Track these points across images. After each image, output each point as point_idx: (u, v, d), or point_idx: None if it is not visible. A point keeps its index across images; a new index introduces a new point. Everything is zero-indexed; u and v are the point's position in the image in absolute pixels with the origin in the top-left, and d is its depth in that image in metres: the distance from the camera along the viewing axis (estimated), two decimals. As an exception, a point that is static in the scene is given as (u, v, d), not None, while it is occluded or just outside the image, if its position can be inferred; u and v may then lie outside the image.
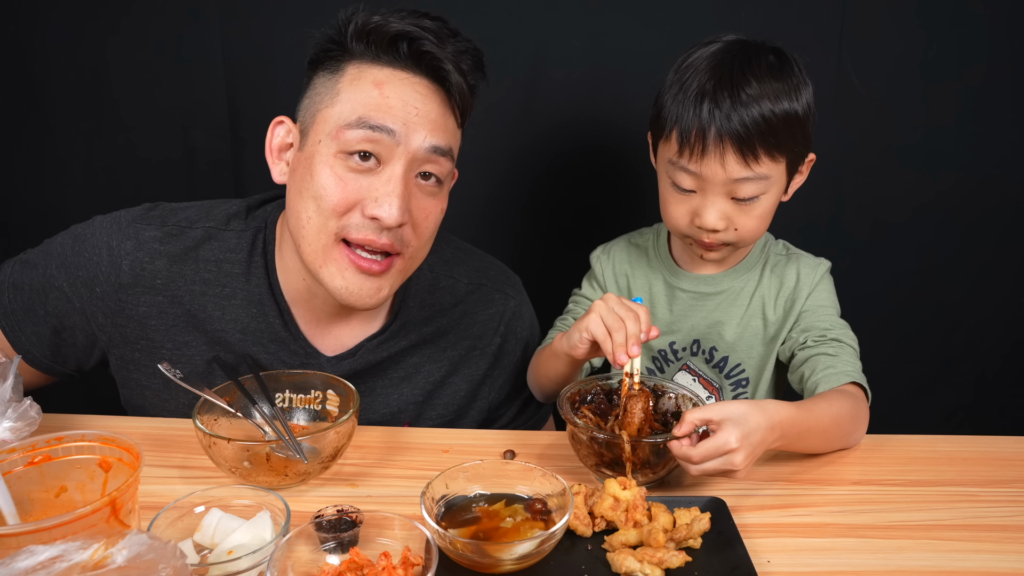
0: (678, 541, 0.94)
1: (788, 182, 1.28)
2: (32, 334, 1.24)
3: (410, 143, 1.11)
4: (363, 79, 1.12)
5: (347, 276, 1.14)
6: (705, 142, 1.19)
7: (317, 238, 1.13)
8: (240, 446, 1.02)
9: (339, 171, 1.11)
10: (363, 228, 1.11)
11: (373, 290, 1.15)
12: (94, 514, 0.79)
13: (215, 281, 1.24)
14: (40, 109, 1.76)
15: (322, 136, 1.12)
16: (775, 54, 1.24)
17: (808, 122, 1.25)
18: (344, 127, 1.10)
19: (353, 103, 1.11)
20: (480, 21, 1.66)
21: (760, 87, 1.19)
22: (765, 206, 1.26)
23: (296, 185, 1.15)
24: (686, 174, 1.24)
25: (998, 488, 1.12)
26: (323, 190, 1.11)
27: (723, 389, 1.42)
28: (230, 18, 1.69)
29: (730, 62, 1.21)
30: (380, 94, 1.11)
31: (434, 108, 1.14)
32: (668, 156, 1.25)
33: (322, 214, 1.11)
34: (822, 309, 1.35)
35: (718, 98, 1.18)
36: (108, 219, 1.25)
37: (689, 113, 1.20)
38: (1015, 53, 1.71)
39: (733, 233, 1.27)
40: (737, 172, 1.20)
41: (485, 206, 1.82)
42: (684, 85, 1.22)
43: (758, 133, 1.18)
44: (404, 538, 0.89)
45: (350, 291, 1.14)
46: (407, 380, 1.32)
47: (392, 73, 1.13)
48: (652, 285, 1.43)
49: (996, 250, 1.86)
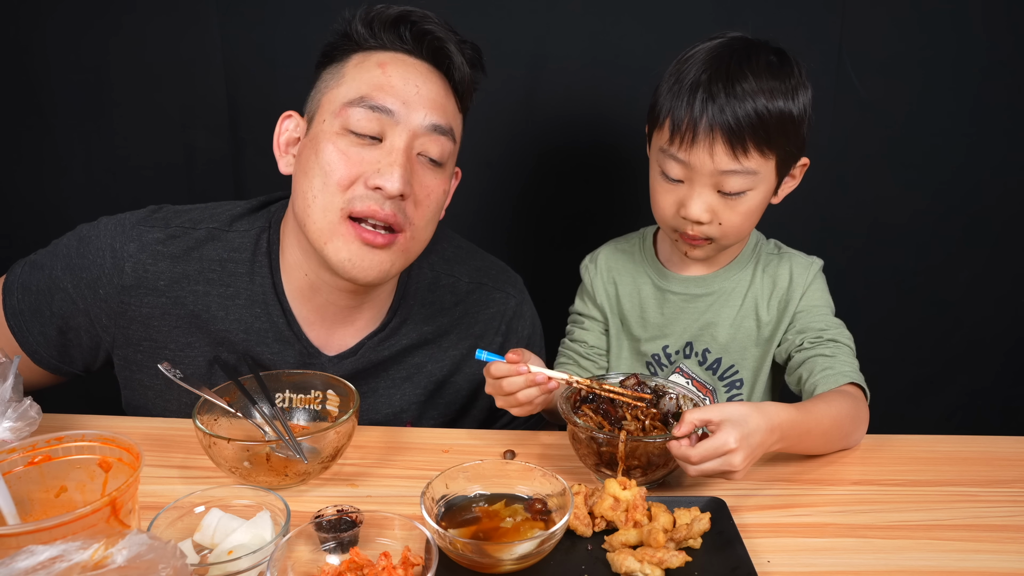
0: (678, 541, 0.94)
1: (778, 183, 1.28)
2: (39, 335, 1.25)
3: (411, 120, 1.15)
4: (368, 61, 1.17)
5: (352, 248, 1.14)
6: (696, 131, 1.19)
7: (324, 215, 1.14)
8: (240, 446, 1.02)
9: (342, 146, 1.14)
10: (366, 199, 1.13)
11: (376, 263, 1.16)
12: (94, 514, 0.79)
13: (219, 281, 1.24)
14: (40, 109, 1.76)
15: (326, 116, 1.16)
16: (777, 54, 1.24)
17: (803, 124, 1.25)
18: (346, 104, 1.14)
19: (357, 82, 1.15)
20: (480, 20, 1.66)
21: (756, 83, 1.19)
22: (751, 203, 1.25)
23: (301, 168, 1.17)
24: (675, 162, 1.24)
25: (998, 488, 1.12)
26: (328, 165, 1.13)
27: (717, 391, 1.41)
28: (230, 18, 1.69)
29: (729, 56, 1.21)
30: (383, 73, 1.15)
31: (435, 88, 1.18)
32: (660, 144, 1.26)
33: (327, 190, 1.13)
34: (817, 309, 1.35)
35: (713, 89, 1.19)
36: (113, 221, 1.25)
37: (683, 102, 1.20)
38: (1014, 53, 1.71)
39: (717, 228, 1.26)
40: (725, 164, 1.20)
41: (482, 205, 1.82)
42: (681, 76, 1.23)
43: (749, 127, 1.18)
44: (404, 538, 0.89)
45: (354, 263, 1.15)
46: (409, 380, 1.32)
47: (395, 55, 1.18)
48: (640, 289, 1.43)
49: (995, 250, 1.86)
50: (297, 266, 1.23)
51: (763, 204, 1.28)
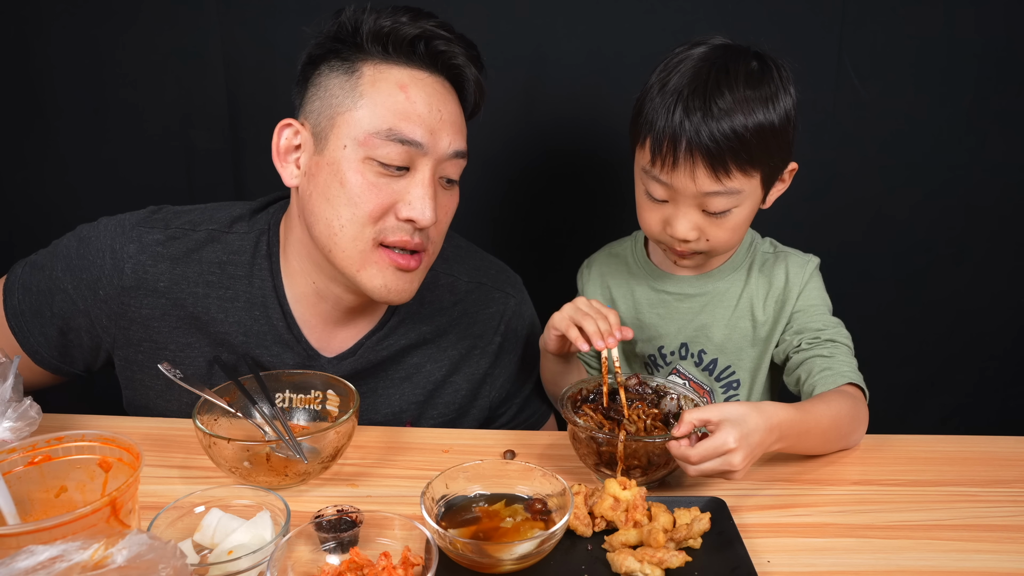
0: (678, 541, 0.94)
1: (765, 193, 1.27)
2: (40, 335, 1.25)
3: (437, 149, 1.14)
4: (385, 81, 1.13)
5: (387, 275, 1.16)
6: (676, 154, 1.18)
7: (353, 244, 1.14)
8: (240, 446, 1.02)
9: (370, 177, 1.12)
10: (398, 231, 1.14)
11: (408, 283, 1.18)
12: (94, 514, 0.79)
13: (218, 283, 1.24)
14: (41, 109, 1.76)
15: (347, 141, 1.12)
16: (757, 59, 1.21)
17: (786, 132, 1.22)
18: (373, 135, 1.11)
19: (380, 107, 1.12)
20: (480, 20, 1.66)
21: (733, 98, 1.16)
22: (738, 219, 1.25)
23: (320, 191, 1.14)
24: (658, 184, 1.23)
25: (998, 488, 1.12)
26: (358, 198, 1.12)
27: (714, 393, 1.41)
28: (230, 18, 1.69)
29: (707, 71, 1.18)
30: (407, 98, 1.12)
31: (454, 108, 1.18)
32: (642, 164, 1.25)
33: (357, 221, 1.13)
34: (814, 309, 1.34)
35: (690, 109, 1.16)
36: (113, 221, 1.25)
37: (662, 122, 1.18)
38: (1013, 53, 1.71)
39: (705, 243, 1.26)
40: (708, 186, 1.19)
41: (483, 205, 1.81)
42: (661, 90, 1.20)
43: (729, 148, 1.16)
44: (404, 538, 0.89)
45: (389, 289, 1.16)
46: (408, 380, 1.32)
47: (412, 74, 1.14)
48: (634, 291, 1.43)
49: (994, 249, 1.86)
50: (303, 274, 1.23)
51: (750, 216, 1.27)
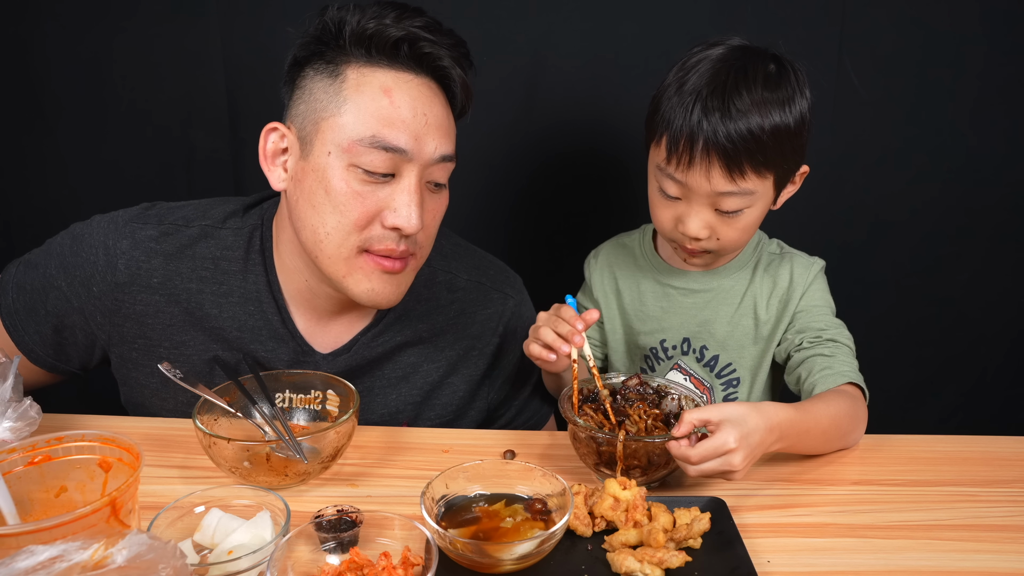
0: (678, 541, 0.94)
1: (777, 195, 1.28)
2: (35, 333, 1.25)
3: (423, 155, 1.12)
4: (369, 85, 1.11)
5: (373, 280, 1.15)
6: (692, 153, 1.19)
7: (338, 251, 1.14)
8: (240, 446, 1.02)
9: (355, 185, 1.11)
10: (384, 239, 1.13)
11: (395, 287, 1.18)
12: (94, 514, 0.79)
13: (212, 279, 1.24)
14: (41, 109, 1.76)
15: (331, 147, 1.11)
16: (775, 62, 1.22)
17: (801, 134, 1.23)
18: (357, 142, 1.09)
19: (363, 113, 1.10)
20: (480, 19, 1.66)
21: (751, 100, 1.17)
22: (749, 219, 1.26)
23: (306, 198, 1.13)
24: (672, 182, 1.24)
25: (998, 488, 1.12)
26: (343, 206, 1.11)
27: (714, 389, 1.42)
28: (230, 18, 1.69)
29: (725, 72, 1.19)
30: (391, 103, 1.10)
31: (440, 110, 1.15)
32: (657, 161, 1.26)
33: (342, 229, 1.12)
34: (817, 309, 1.35)
35: (708, 109, 1.17)
36: (106, 219, 1.25)
37: (679, 121, 1.19)
38: (1013, 53, 1.71)
39: (715, 242, 1.27)
40: (722, 186, 1.20)
41: (483, 205, 1.82)
42: (679, 90, 1.21)
43: (745, 149, 1.17)
44: (404, 538, 0.89)
45: (376, 293, 1.16)
46: (405, 380, 1.32)
47: (396, 76, 1.12)
48: (640, 283, 1.44)
49: (994, 249, 1.86)
50: (296, 271, 1.23)
51: (761, 217, 1.28)
